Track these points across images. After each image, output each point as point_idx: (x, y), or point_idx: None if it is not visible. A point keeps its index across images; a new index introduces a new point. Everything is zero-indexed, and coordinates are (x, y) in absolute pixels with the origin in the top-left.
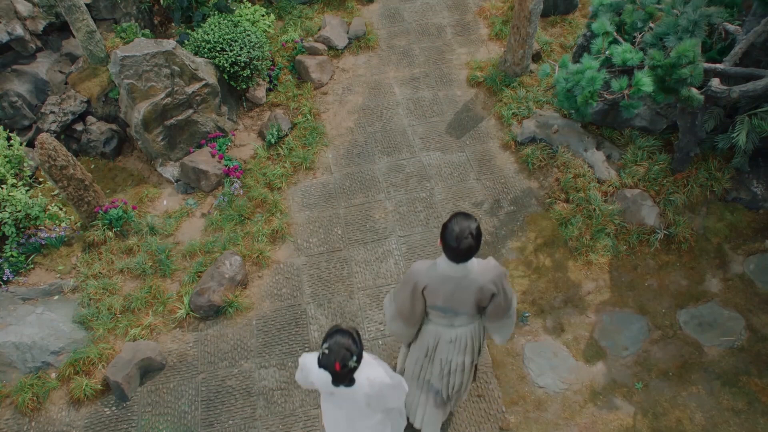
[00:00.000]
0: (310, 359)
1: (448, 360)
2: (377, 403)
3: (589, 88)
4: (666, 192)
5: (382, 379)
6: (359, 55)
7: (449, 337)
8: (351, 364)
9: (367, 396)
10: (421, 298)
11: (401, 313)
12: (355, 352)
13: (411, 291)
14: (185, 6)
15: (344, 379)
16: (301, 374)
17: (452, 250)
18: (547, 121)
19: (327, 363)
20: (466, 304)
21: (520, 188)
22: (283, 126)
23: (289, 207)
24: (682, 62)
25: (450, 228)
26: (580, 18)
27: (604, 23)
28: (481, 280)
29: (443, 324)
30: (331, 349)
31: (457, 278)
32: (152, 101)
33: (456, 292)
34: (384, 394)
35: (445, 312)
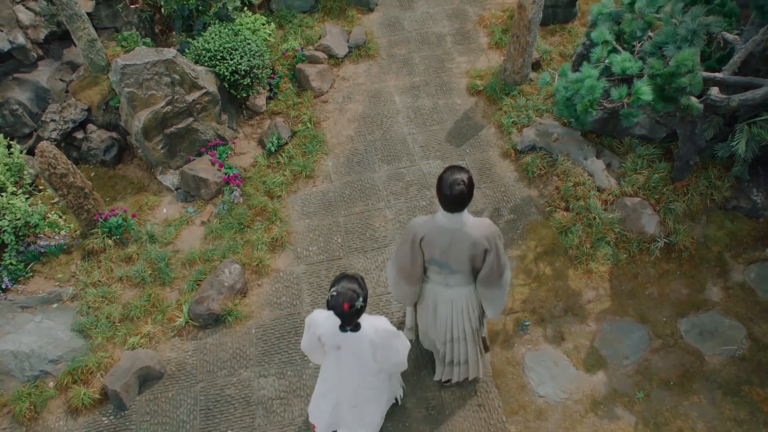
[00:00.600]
0: (315, 315)
1: (450, 322)
2: (383, 354)
3: (589, 96)
4: (666, 200)
5: (387, 327)
6: (359, 64)
7: (445, 298)
8: (358, 304)
9: (373, 344)
10: (419, 250)
11: (402, 270)
12: (362, 294)
13: (410, 243)
14: (186, 15)
15: (351, 321)
16: (307, 335)
17: (446, 197)
18: (547, 130)
19: (335, 304)
20: (461, 260)
21: (520, 196)
22: (283, 134)
23: (289, 215)
24: (681, 71)
25: (444, 177)
26: (580, 27)
27: (604, 32)
28: (475, 234)
29: (439, 282)
30: (338, 292)
31: (452, 230)
32: (152, 109)
33: (452, 245)
34: (389, 344)
35: (441, 267)
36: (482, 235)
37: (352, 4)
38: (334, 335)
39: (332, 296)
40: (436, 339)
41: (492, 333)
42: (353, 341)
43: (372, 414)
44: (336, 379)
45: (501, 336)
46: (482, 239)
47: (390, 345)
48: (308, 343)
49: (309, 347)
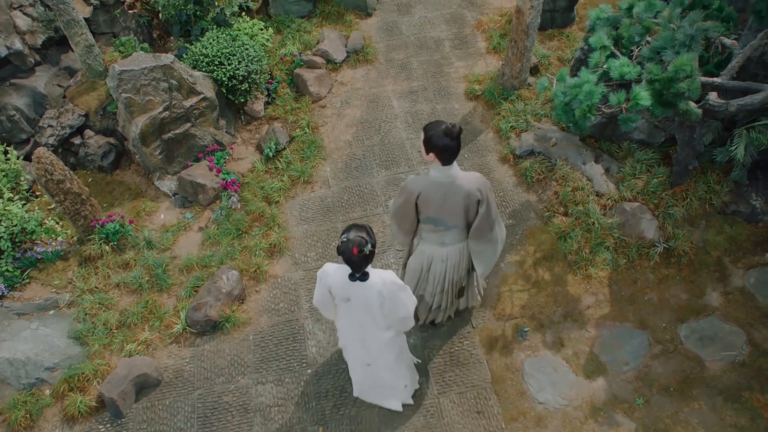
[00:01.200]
0: (326, 267)
1: (441, 278)
2: (390, 307)
3: (587, 102)
4: (665, 205)
5: (394, 280)
6: (357, 69)
7: (441, 257)
8: (366, 249)
9: (381, 295)
10: (414, 208)
11: (395, 217)
12: (370, 241)
13: (405, 200)
14: (184, 20)
15: (360, 268)
16: (318, 287)
17: (443, 147)
18: (546, 135)
19: (345, 249)
20: (456, 214)
21: (519, 201)
22: (281, 139)
23: (287, 221)
24: (679, 76)
25: (432, 130)
26: (578, 31)
27: (602, 37)
28: (467, 186)
29: (435, 242)
30: (348, 239)
31: (446, 184)
32: (150, 115)
33: (446, 199)
34: (395, 296)
35: (436, 224)
36: (475, 187)
37: (350, 9)
38: (344, 286)
39: (342, 242)
40: (425, 293)
41: (491, 339)
42: (362, 292)
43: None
44: (348, 333)
45: (500, 342)
46: (475, 190)
47: (397, 298)
48: (320, 295)
49: (320, 300)
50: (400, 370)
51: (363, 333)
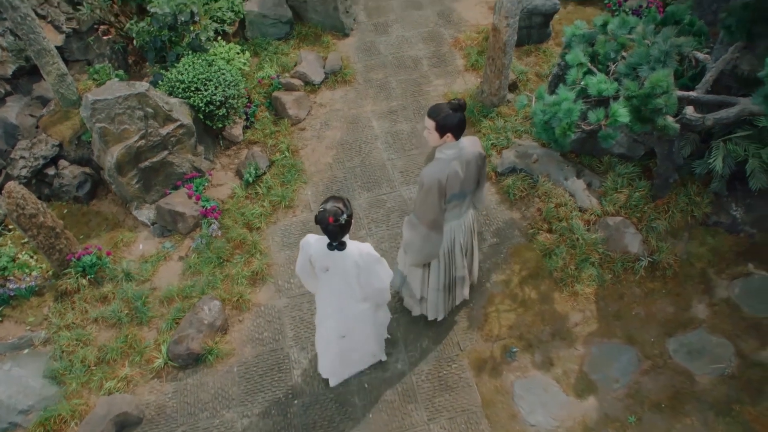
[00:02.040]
0: (308, 237)
1: (464, 244)
2: (366, 278)
3: (567, 119)
4: (648, 219)
5: (370, 251)
6: (336, 90)
7: (461, 227)
8: (342, 219)
9: (357, 266)
10: (444, 194)
11: (433, 223)
12: (346, 211)
13: (437, 191)
14: (159, 47)
15: (336, 237)
16: (300, 256)
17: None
18: (527, 151)
19: (322, 218)
20: (472, 180)
21: (503, 219)
22: (260, 164)
23: (269, 247)
24: (656, 92)
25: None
26: (554, 47)
27: (578, 55)
28: (475, 148)
29: (455, 215)
30: (325, 209)
31: (461, 155)
32: (126, 144)
33: (467, 169)
34: (371, 268)
35: (458, 198)
36: (479, 146)
37: (327, 30)
38: (323, 255)
39: (320, 212)
40: (457, 269)
41: (479, 361)
42: (340, 261)
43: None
44: (326, 303)
45: (489, 364)
46: (480, 149)
47: (372, 269)
48: (301, 264)
49: (302, 269)
50: (373, 343)
51: (340, 303)
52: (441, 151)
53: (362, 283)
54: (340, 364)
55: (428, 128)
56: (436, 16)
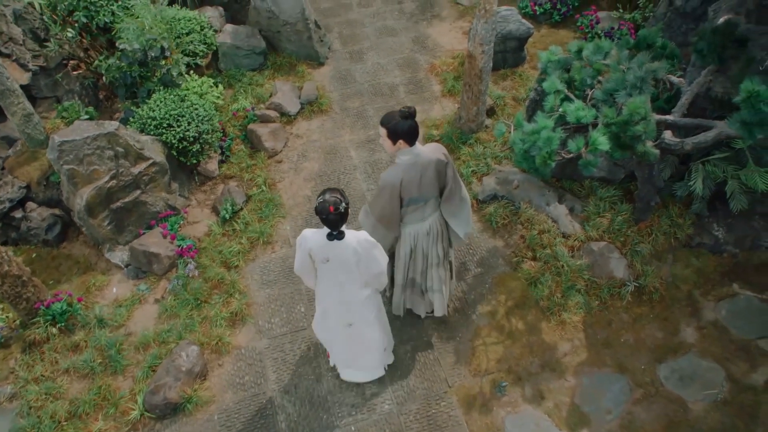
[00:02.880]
0: (305, 232)
1: (427, 253)
2: (365, 263)
3: (547, 148)
4: (632, 243)
5: (367, 238)
6: (312, 120)
7: (425, 230)
8: (341, 208)
9: (356, 253)
10: (398, 197)
11: (382, 219)
12: (344, 201)
13: (389, 194)
14: (129, 83)
15: (336, 226)
16: (299, 253)
17: (408, 129)
18: (507, 177)
19: (322, 209)
20: (432, 186)
21: (486, 248)
22: (237, 200)
23: (248, 286)
24: (634, 119)
25: (394, 119)
26: (530, 70)
27: (555, 82)
28: (434, 155)
29: (417, 219)
30: (324, 199)
31: (418, 162)
32: (96, 185)
33: (423, 174)
34: (369, 253)
35: (417, 202)
36: (441, 152)
37: (302, 60)
38: (323, 247)
39: (319, 203)
40: (415, 273)
41: (469, 398)
42: (339, 250)
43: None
44: (328, 295)
45: (478, 400)
46: (441, 156)
47: (370, 254)
48: (300, 261)
49: (301, 266)
50: (380, 329)
51: (342, 293)
52: (398, 156)
53: (362, 270)
54: (353, 354)
55: (382, 136)
56: (411, 42)
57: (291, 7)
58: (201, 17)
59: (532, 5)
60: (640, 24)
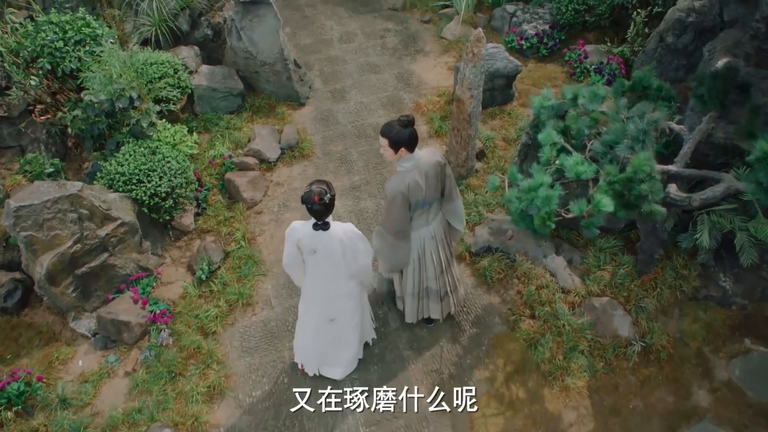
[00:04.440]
0: (294, 224)
1: (436, 256)
2: (351, 254)
3: (546, 208)
4: (636, 298)
5: (353, 229)
6: (294, 166)
7: (430, 234)
8: (326, 198)
9: (342, 243)
10: (407, 203)
11: (399, 232)
12: (329, 192)
13: (400, 202)
14: (96, 134)
15: (322, 216)
16: (288, 244)
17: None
18: (501, 227)
19: (308, 198)
20: (435, 188)
21: (481, 305)
22: (214, 258)
23: (227, 354)
24: (639, 176)
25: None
26: (519, 108)
27: (551, 134)
28: (434, 158)
29: (423, 224)
30: (310, 189)
31: (420, 166)
32: (57, 252)
33: (427, 178)
34: (355, 245)
35: (422, 206)
36: (439, 155)
37: (282, 100)
38: (310, 238)
39: (306, 192)
40: (429, 282)
41: None
42: (326, 241)
43: (348, 341)
44: (314, 288)
45: None
46: (439, 157)
47: (356, 246)
48: (289, 253)
49: (290, 258)
50: (360, 324)
51: (327, 286)
52: (399, 164)
53: (348, 261)
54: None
55: (383, 146)
56: (394, 80)
57: (269, 47)
58: (174, 59)
59: (519, 40)
60: (629, 58)
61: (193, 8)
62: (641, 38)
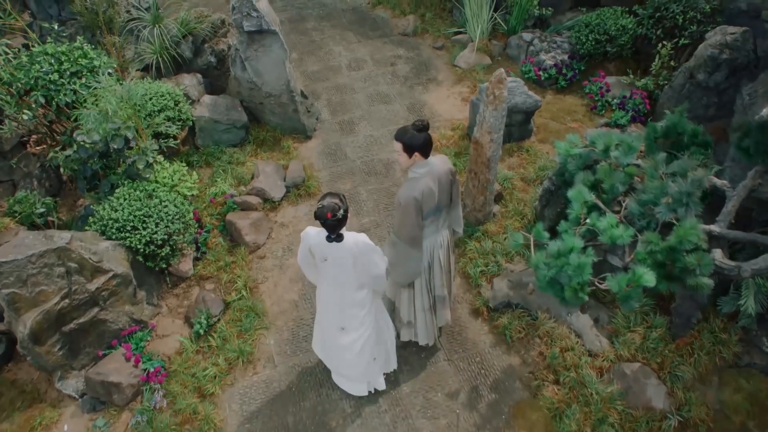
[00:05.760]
0: (309, 229)
1: (444, 264)
2: (362, 265)
3: (578, 278)
4: (670, 365)
5: (366, 240)
6: (299, 205)
7: (439, 242)
8: (339, 214)
9: (354, 254)
10: (420, 210)
11: (413, 240)
12: (343, 207)
13: (414, 209)
14: (89, 175)
15: (335, 230)
16: (301, 247)
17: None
18: (521, 279)
19: (321, 214)
20: (446, 194)
21: (500, 367)
22: (213, 310)
23: (225, 419)
24: (685, 247)
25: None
26: (538, 144)
27: (583, 192)
28: (445, 165)
29: (433, 232)
30: (323, 205)
31: (432, 173)
32: (43, 309)
33: (439, 185)
34: (368, 256)
35: (435, 213)
36: (449, 163)
37: (288, 133)
38: (322, 247)
39: (318, 208)
40: (437, 290)
41: None
42: (338, 252)
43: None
44: (326, 294)
45: None
46: (450, 165)
47: (369, 257)
48: (302, 254)
49: (303, 259)
50: (371, 337)
51: (337, 293)
52: (413, 170)
53: (359, 270)
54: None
55: (397, 151)
56: (405, 111)
57: (275, 78)
58: (175, 90)
59: (536, 70)
60: (652, 91)
61: (196, 35)
62: (666, 71)
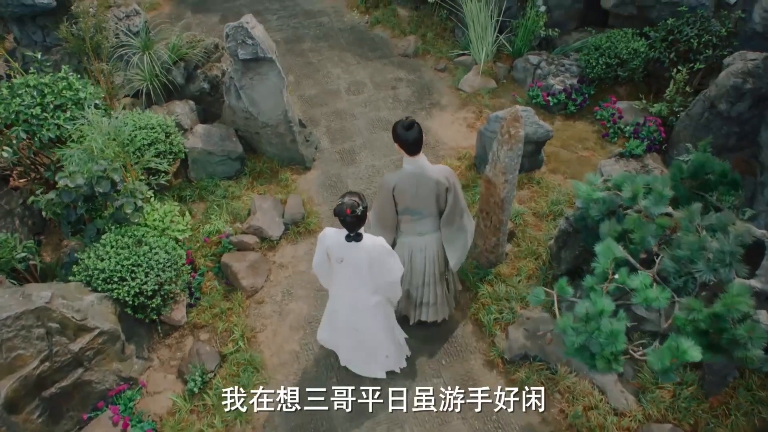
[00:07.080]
0: (327, 230)
1: (422, 270)
2: (378, 269)
3: (611, 348)
4: (705, 427)
5: (383, 244)
6: (299, 244)
7: (419, 247)
8: (358, 210)
9: (370, 256)
10: (392, 200)
11: (380, 220)
12: (362, 204)
13: (384, 195)
14: (74, 220)
15: (354, 228)
16: (318, 249)
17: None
18: (538, 328)
19: (340, 210)
20: (429, 203)
21: (519, 426)
22: (208, 364)
23: None
24: (732, 316)
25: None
26: (549, 175)
27: (613, 248)
28: (436, 176)
29: (413, 232)
30: (343, 202)
31: (417, 174)
32: (20, 375)
33: (419, 188)
34: (383, 260)
35: (412, 214)
36: (443, 176)
37: (285, 164)
38: (340, 247)
39: (338, 205)
40: (410, 286)
41: None
42: (355, 253)
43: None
44: (340, 296)
45: None
46: (443, 179)
47: (384, 261)
48: (319, 257)
49: (319, 263)
50: (385, 339)
51: (353, 298)
52: (403, 162)
53: (374, 274)
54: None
55: None
56: None
57: (271, 108)
58: (167, 121)
59: (545, 96)
60: (666, 117)
61: (188, 61)
62: (682, 97)
